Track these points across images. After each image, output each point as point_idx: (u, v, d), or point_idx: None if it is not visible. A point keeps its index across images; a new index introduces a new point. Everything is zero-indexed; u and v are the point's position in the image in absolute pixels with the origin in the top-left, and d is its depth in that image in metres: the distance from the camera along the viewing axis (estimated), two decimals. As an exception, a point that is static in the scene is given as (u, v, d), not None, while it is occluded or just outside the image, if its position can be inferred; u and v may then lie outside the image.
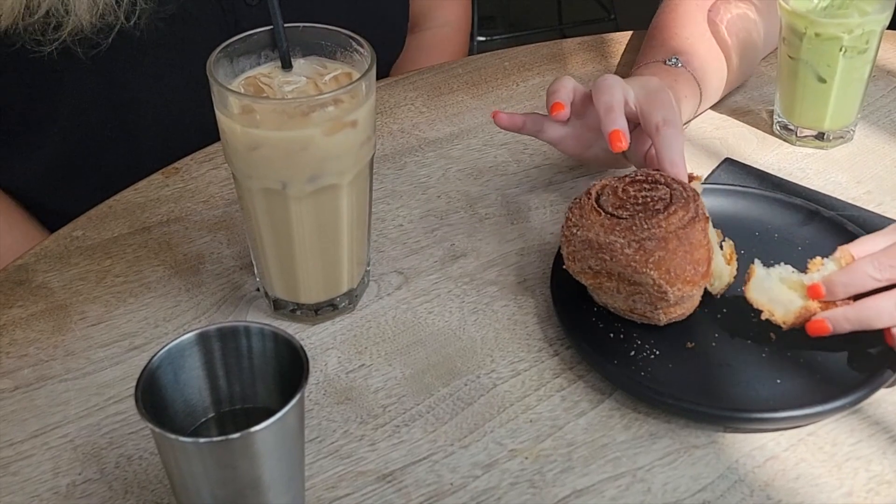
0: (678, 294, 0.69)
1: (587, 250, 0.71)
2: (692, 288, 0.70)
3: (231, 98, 0.68)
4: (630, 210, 0.71)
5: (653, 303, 0.71)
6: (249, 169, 0.70)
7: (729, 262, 0.75)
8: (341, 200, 0.71)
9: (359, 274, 0.77)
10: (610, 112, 0.78)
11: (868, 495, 0.63)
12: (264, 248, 0.74)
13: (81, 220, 0.87)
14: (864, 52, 0.90)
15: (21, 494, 0.64)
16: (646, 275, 0.69)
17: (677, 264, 0.69)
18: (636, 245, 0.69)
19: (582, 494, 0.64)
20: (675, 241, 0.69)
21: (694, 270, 0.69)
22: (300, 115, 0.68)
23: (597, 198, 0.73)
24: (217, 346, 0.61)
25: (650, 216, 0.70)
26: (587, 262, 0.72)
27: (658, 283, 0.69)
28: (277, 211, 0.71)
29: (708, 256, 0.71)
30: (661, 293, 0.69)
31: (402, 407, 0.70)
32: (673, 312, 0.72)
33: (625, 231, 0.70)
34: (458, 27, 1.23)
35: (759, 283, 0.72)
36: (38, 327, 0.76)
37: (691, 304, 0.73)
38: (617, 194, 0.73)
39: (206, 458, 0.55)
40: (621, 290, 0.71)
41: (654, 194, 0.72)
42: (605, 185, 0.75)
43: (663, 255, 0.69)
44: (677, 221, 0.70)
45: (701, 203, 0.72)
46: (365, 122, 0.70)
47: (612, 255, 0.70)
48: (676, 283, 0.69)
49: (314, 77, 0.72)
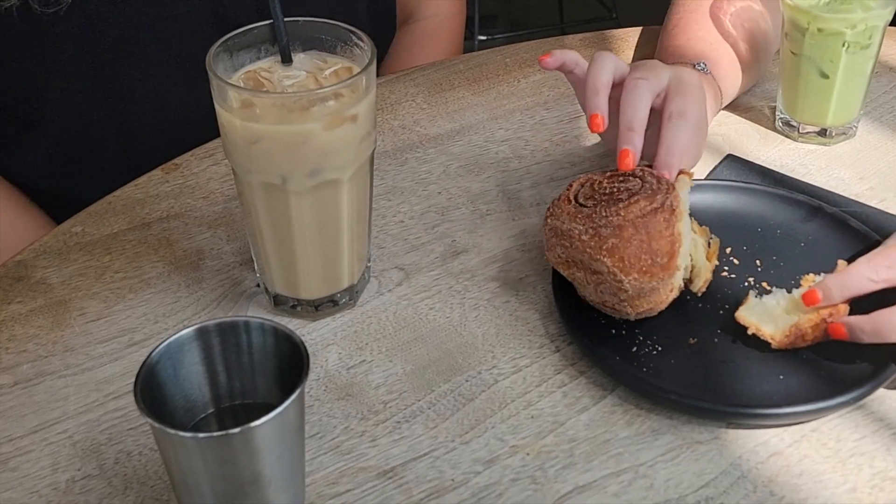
0: (635, 285, 0.69)
1: (554, 238, 0.72)
2: (650, 279, 0.69)
3: (231, 92, 0.67)
4: (596, 199, 0.72)
5: (615, 294, 0.70)
6: (249, 163, 0.69)
7: (710, 258, 0.75)
8: (342, 195, 0.71)
9: (359, 270, 0.77)
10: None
11: (872, 492, 0.63)
12: (264, 243, 0.73)
13: (81, 216, 0.87)
14: (866, 48, 0.89)
15: (20, 490, 0.64)
16: (600, 262, 0.69)
17: (631, 253, 0.68)
18: (592, 232, 0.69)
19: (584, 490, 0.63)
20: (630, 230, 0.69)
21: (651, 261, 0.69)
22: (300, 110, 0.67)
23: (577, 190, 0.74)
24: (217, 341, 0.60)
25: (610, 205, 0.70)
26: (556, 251, 0.72)
27: (612, 272, 0.69)
28: (278, 206, 0.71)
29: (671, 249, 0.69)
30: (618, 282, 0.69)
31: (402, 403, 0.69)
32: (639, 306, 0.71)
33: (584, 219, 0.70)
34: (450, 18, 1.23)
35: (751, 307, 0.71)
36: (38, 323, 0.76)
37: (658, 300, 0.72)
38: (593, 186, 0.73)
39: (206, 453, 0.55)
40: (588, 280, 0.71)
41: (623, 185, 0.72)
42: (588, 178, 0.75)
43: (616, 242, 0.68)
44: (637, 210, 0.69)
45: (675, 196, 0.71)
46: (365, 117, 0.70)
47: (571, 242, 0.70)
48: (632, 272, 0.68)
49: (314, 71, 0.72)
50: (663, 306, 0.72)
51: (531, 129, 0.98)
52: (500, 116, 1.00)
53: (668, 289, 0.72)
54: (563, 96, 1.03)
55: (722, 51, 0.95)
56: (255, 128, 0.67)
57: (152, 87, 0.97)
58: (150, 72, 0.97)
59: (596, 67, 0.79)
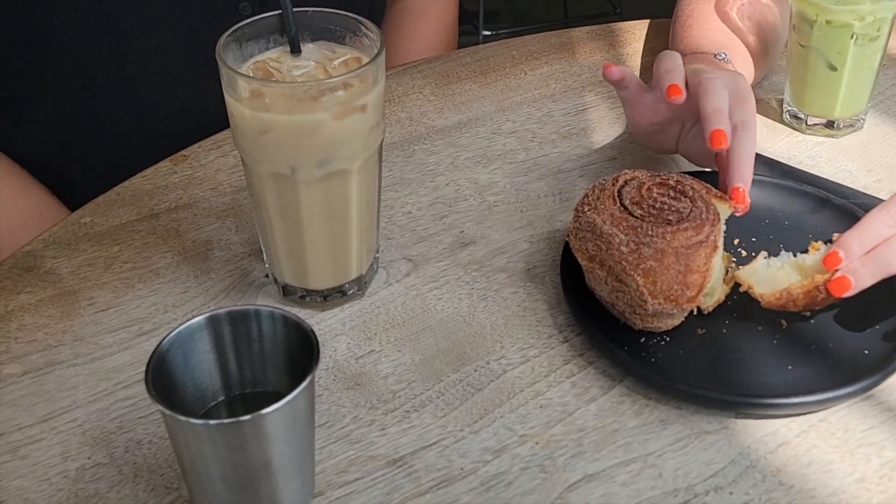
0: (657, 307, 0.68)
1: (589, 233, 0.71)
2: (674, 306, 0.69)
3: (240, 81, 0.68)
4: (644, 210, 0.71)
5: (632, 306, 0.70)
6: (259, 153, 0.69)
7: (727, 283, 0.75)
8: (351, 186, 0.71)
9: (368, 261, 0.77)
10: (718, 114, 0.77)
11: (881, 481, 0.63)
12: (274, 233, 0.73)
13: (89, 206, 0.87)
14: (875, 40, 0.89)
15: (30, 478, 0.64)
16: (632, 278, 0.68)
17: (666, 280, 0.68)
18: (633, 246, 0.68)
19: (592, 479, 0.63)
20: (671, 258, 0.68)
21: (681, 292, 0.68)
22: (310, 99, 0.67)
23: (622, 185, 0.73)
24: (227, 329, 0.61)
25: (658, 224, 0.69)
26: (586, 244, 0.71)
27: (640, 291, 0.68)
28: (287, 196, 0.71)
29: (702, 283, 0.69)
30: (641, 300, 0.68)
31: (411, 392, 0.69)
32: (650, 323, 0.71)
33: (628, 229, 0.69)
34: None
35: (753, 267, 0.72)
36: (47, 313, 0.76)
37: (671, 322, 0.71)
38: (640, 191, 0.72)
39: (217, 440, 0.55)
40: (608, 282, 0.70)
41: (674, 204, 0.71)
42: (634, 176, 0.74)
43: (655, 265, 0.68)
44: (682, 240, 0.68)
45: (718, 230, 0.70)
46: (374, 107, 0.70)
47: (608, 247, 0.69)
48: (659, 296, 0.68)
49: (323, 62, 0.72)
50: (670, 328, 0.72)
51: (538, 120, 0.98)
52: (508, 108, 1.00)
53: (684, 315, 0.72)
54: (570, 88, 1.03)
55: (737, 41, 0.96)
56: (265, 117, 0.67)
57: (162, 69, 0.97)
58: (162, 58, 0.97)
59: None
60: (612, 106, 1.00)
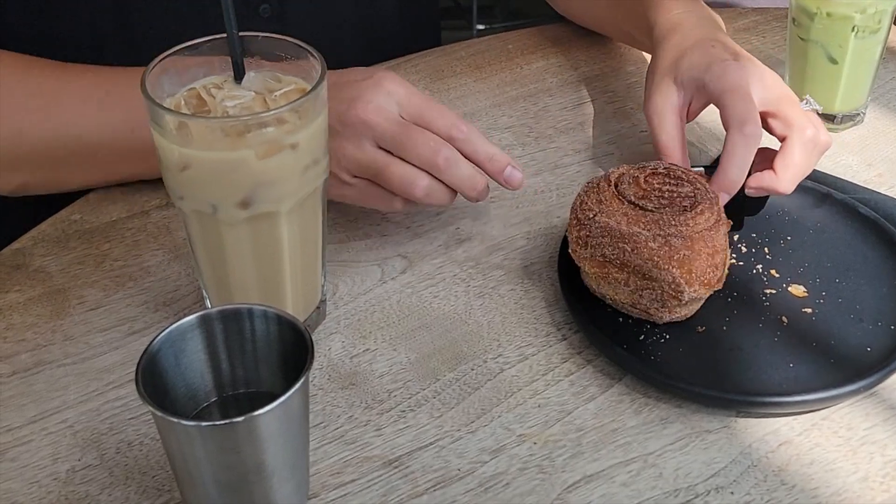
0: (693, 295, 0.68)
1: (605, 237, 0.69)
2: (707, 291, 0.69)
3: (163, 114, 0.62)
4: (655, 203, 0.70)
5: (662, 300, 0.69)
6: (180, 189, 0.65)
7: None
8: (280, 229, 0.65)
9: (308, 307, 0.72)
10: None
11: (884, 480, 0.62)
12: (202, 271, 0.69)
13: (79, 203, 0.86)
14: (876, 32, 0.88)
15: (20, 480, 0.63)
16: (667, 272, 0.67)
17: (699, 266, 0.68)
18: (661, 240, 0.67)
19: (592, 480, 0.62)
20: (700, 243, 0.68)
21: (712, 274, 0.69)
22: (235, 135, 0.61)
23: (616, 184, 0.72)
24: (219, 328, 0.59)
25: (677, 213, 0.69)
26: (602, 250, 0.69)
27: (678, 282, 0.67)
28: (211, 236, 0.66)
29: (725, 261, 0.70)
30: (678, 292, 0.68)
31: (407, 392, 0.68)
32: (678, 312, 0.71)
33: (650, 224, 0.68)
34: None
35: None
36: (36, 311, 0.75)
37: (695, 307, 0.72)
38: (639, 184, 0.71)
39: (209, 442, 0.54)
40: (630, 283, 0.69)
41: (679, 190, 0.71)
42: (622, 172, 0.73)
43: (688, 254, 0.67)
44: (704, 222, 0.69)
45: (721, 206, 0.72)
46: (309, 145, 0.63)
47: (635, 247, 0.68)
48: (694, 283, 0.68)
49: (263, 92, 0.66)
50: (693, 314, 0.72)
51: (535, 115, 0.97)
52: (504, 103, 0.99)
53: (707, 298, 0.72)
54: (566, 83, 1.02)
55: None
56: (185, 152, 0.62)
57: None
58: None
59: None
60: (609, 100, 1.00)
